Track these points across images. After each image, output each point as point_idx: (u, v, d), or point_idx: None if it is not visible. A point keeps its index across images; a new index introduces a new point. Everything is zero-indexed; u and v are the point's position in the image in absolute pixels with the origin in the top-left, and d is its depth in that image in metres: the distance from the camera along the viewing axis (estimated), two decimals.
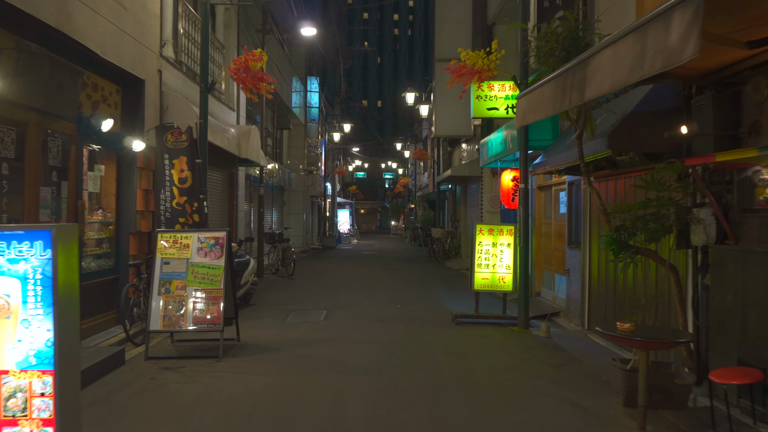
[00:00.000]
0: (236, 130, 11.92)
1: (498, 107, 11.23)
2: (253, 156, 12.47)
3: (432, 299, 11.41)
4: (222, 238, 7.00)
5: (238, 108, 14.47)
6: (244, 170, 15.17)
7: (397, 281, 14.50)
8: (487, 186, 16.96)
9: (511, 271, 8.85)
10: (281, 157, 25.11)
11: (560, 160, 7.52)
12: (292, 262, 14.62)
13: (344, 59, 29.81)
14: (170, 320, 6.70)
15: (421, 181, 40.08)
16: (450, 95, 16.74)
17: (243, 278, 10.02)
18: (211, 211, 12.94)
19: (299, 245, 26.47)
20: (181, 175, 8.31)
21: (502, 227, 8.85)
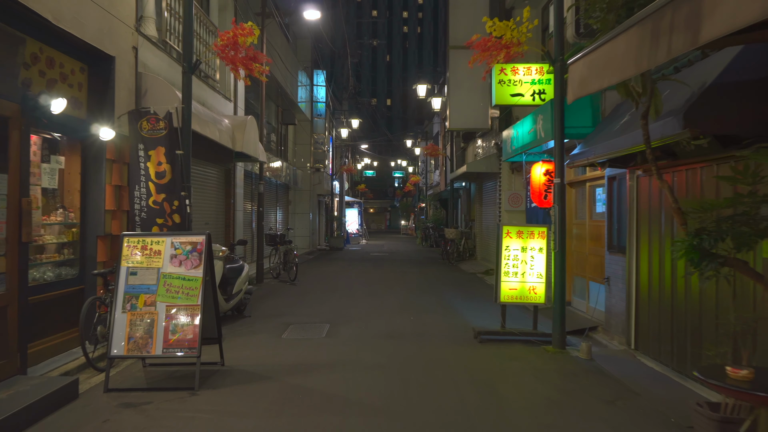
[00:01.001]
0: (231, 121, 10.74)
1: (523, 93, 9.98)
2: (250, 150, 11.28)
3: (448, 309, 10.18)
4: (200, 243, 5.81)
5: (236, 98, 13.30)
6: (242, 166, 14.00)
7: (409, 287, 13.27)
8: (505, 183, 15.70)
9: (543, 280, 7.60)
10: (286, 154, 23.94)
11: (606, 150, 6.26)
12: (295, 266, 13.44)
13: (352, 52, 28.60)
14: (136, 343, 5.51)
15: (431, 179, 38.82)
16: (465, 86, 15.56)
17: (235, 286, 8.85)
18: (206, 210, 11.77)
19: (305, 246, 25.32)
20: (158, 169, 7.13)
21: (533, 229, 7.60)
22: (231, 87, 13.05)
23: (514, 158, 10.04)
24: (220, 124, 10.08)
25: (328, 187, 29.48)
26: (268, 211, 20.77)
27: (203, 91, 11.08)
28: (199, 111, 8.89)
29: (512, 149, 9.48)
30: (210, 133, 9.34)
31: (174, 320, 5.57)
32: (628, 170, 7.25)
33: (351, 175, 44.44)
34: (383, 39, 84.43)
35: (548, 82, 10.02)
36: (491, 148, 16.90)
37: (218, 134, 9.72)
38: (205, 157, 11.38)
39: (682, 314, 6.01)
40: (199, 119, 8.73)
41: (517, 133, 9.04)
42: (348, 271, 16.66)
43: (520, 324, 8.33)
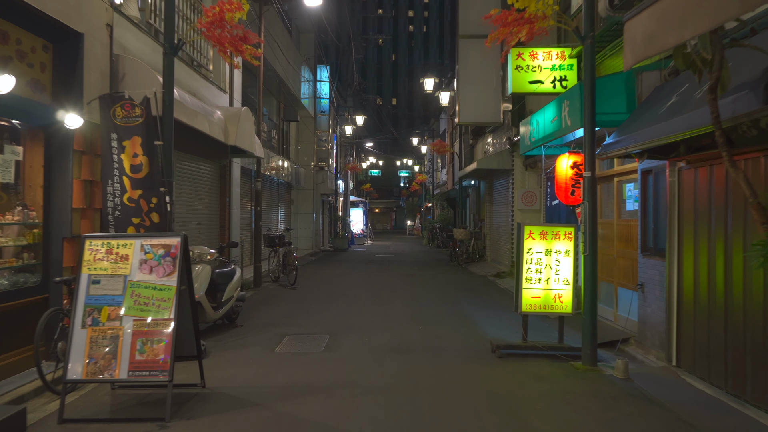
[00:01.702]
0: (223, 113, 9.90)
1: (542, 80, 9.10)
2: (245, 144, 10.44)
3: (461, 317, 9.30)
4: (175, 246, 4.96)
5: (231, 89, 12.46)
6: (239, 163, 13.16)
7: (417, 292, 12.39)
8: (519, 180, 14.81)
9: (570, 286, 6.71)
10: (288, 152, 23.11)
11: (647, 137, 5.37)
12: (294, 269, 12.58)
13: (356, 48, 27.75)
14: (97, 365, 4.66)
15: (438, 178, 37.91)
16: (476, 78, 14.66)
17: (226, 293, 8.00)
18: (198, 210, 10.93)
19: (308, 247, 24.49)
20: (134, 162, 6.29)
21: (559, 229, 6.71)
22: (226, 77, 12.21)
23: (532, 152, 9.15)
24: (211, 115, 9.24)
25: (332, 186, 28.63)
26: (269, 211, 19.96)
27: (194, 80, 10.24)
28: (185, 100, 8.05)
29: (531, 141, 8.59)
30: (199, 124, 8.50)
31: (142, 337, 4.72)
32: (668, 162, 6.37)
33: (356, 174, 43.59)
34: (388, 40, 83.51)
35: (570, 68, 9.14)
36: (503, 144, 16.01)
37: (208, 126, 8.88)
38: (197, 152, 10.54)
39: (739, 328, 5.12)
40: (186, 108, 7.89)
41: (537, 123, 8.15)
42: (352, 274, 15.79)
43: (543, 336, 7.45)
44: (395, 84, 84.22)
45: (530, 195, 14.57)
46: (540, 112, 8.12)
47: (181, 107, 7.67)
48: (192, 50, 10.62)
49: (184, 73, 9.76)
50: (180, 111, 7.61)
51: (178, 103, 7.47)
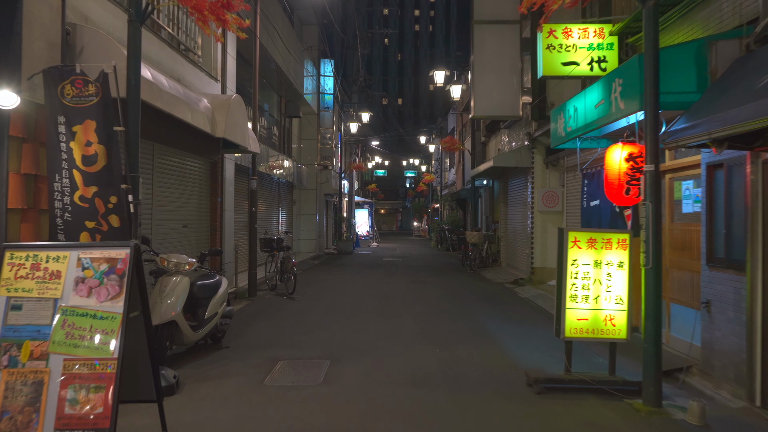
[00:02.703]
0: (210, 101, 8.70)
1: (578, 61, 7.88)
2: (236, 136, 9.25)
3: (481, 334, 8.06)
4: (123, 259, 3.75)
5: (224, 78, 11.26)
6: (233, 159, 11.96)
7: (428, 302, 11.16)
8: (539, 179, 13.57)
9: (624, 306, 5.47)
10: (290, 150, 21.94)
11: (736, 120, 4.14)
12: (293, 277, 11.37)
13: (362, 41, 26.55)
14: (13, 421, 3.45)
15: (446, 178, 36.67)
16: (493, 67, 13.43)
17: (209, 309, 6.79)
18: (184, 211, 9.74)
19: (311, 250, 23.31)
20: (86, 151, 5.08)
21: (610, 235, 5.48)
22: (218, 64, 11.01)
23: (565, 144, 7.91)
24: (196, 103, 8.04)
25: (337, 186, 27.44)
26: (269, 213, 18.77)
27: (179, 64, 9.06)
28: (161, 82, 6.84)
29: (566, 132, 7.35)
30: (178, 111, 7.30)
31: (75, 383, 3.51)
32: (750, 154, 5.13)
33: (361, 174, 42.41)
34: (394, 39, 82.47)
35: (609, 47, 7.90)
36: (521, 140, 14.76)
37: (190, 115, 7.68)
38: (182, 146, 9.36)
39: None
40: (161, 92, 6.69)
41: (575, 109, 6.91)
42: (356, 281, 14.56)
43: (586, 363, 6.21)
44: (401, 83, 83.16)
45: (552, 195, 13.36)
46: (579, 96, 6.88)
47: (154, 89, 6.48)
48: (177, 30, 9.44)
49: (167, 56, 8.57)
50: (152, 94, 6.41)
51: (148, 83, 6.28)
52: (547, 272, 13.37)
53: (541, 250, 13.50)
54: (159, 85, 6.62)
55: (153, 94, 6.40)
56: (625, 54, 7.78)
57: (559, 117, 7.66)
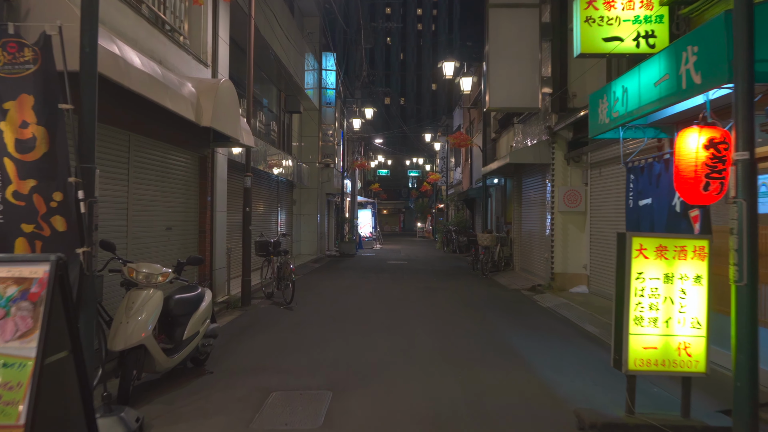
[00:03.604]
0: (195, 85, 7.59)
1: (621, 36, 6.77)
2: (225, 126, 8.16)
3: (507, 353, 6.95)
4: (39, 280, 2.68)
5: (215, 63, 10.16)
6: (225, 154, 10.87)
7: (441, 312, 10.05)
8: (560, 177, 12.45)
9: (703, 331, 4.36)
10: (290, 147, 20.85)
11: None
12: (291, 284, 10.25)
13: (365, 34, 25.44)
14: None
15: (452, 177, 35.57)
16: (510, 53, 12.30)
17: (188, 328, 5.70)
18: (168, 211, 8.64)
19: (312, 252, 22.21)
20: (21, 134, 3.98)
21: (685, 242, 4.37)
22: (208, 48, 9.91)
23: (606, 134, 6.79)
24: (177, 86, 6.95)
25: (339, 186, 26.33)
26: (268, 213, 17.67)
27: (161, 44, 7.96)
28: (131, 58, 5.74)
29: (611, 118, 6.23)
30: (155, 94, 6.20)
31: None
32: None
33: (364, 173, 41.33)
34: (396, 38, 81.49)
35: (659, 20, 6.79)
36: (539, 134, 13.65)
37: (169, 99, 6.58)
38: (166, 138, 8.27)
39: None
40: (130, 68, 5.59)
41: (625, 90, 5.80)
42: (360, 287, 13.45)
43: (641, 395, 5.08)
44: (404, 83, 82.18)
45: (574, 194, 12.25)
46: (630, 75, 5.77)
47: (120, 65, 5.38)
48: (160, 6, 8.34)
49: (146, 34, 7.47)
50: (118, 70, 5.32)
51: (113, 57, 5.19)
52: (568, 278, 12.26)
53: (561, 254, 12.38)
54: (127, 60, 5.52)
55: (119, 70, 5.30)
56: (676, 28, 6.67)
57: (601, 101, 6.54)
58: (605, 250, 11.08)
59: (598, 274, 11.50)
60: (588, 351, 7.15)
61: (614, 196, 10.62)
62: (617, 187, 10.47)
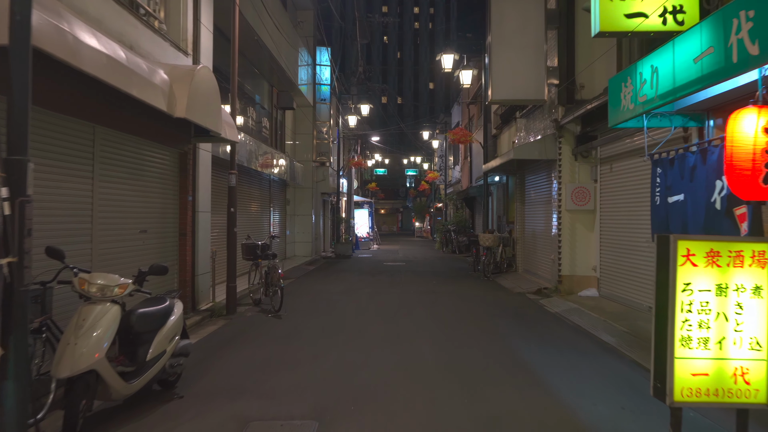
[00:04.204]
0: (169, 72, 6.81)
1: (646, 12, 6.01)
2: (203, 118, 7.39)
3: (521, 369, 6.19)
4: None
5: (197, 52, 9.39)
6: (209, 150, 10.10)
7: (444, 320, 9.29)
8: (567, 174, 11.71)
9: (764, 353, 3.61)
10: (283, 144, 20.08)
11: None
12: (279, 290, 9.47)
13: (361, 29, 24.66)
14: None
15: (450, 176, 34.83)
16: (514, 43, 11.56)
17: (153, 347, 4.94)
18: (143, 212, 7.87)
19: (307, 253, 21.46)
20: None
21: (741, 246, 3.62)
22: (188, 35, 9.14)
23: (628, 123, 6.04)
24: (147, 72, 6.17)
25: (334, 185, 25.56)
26: (260, 214, 16.93)
27: (132, 28, 7.19)
28: (82, 36, 4.96)
29: (637, 103, 5.47)
30: (117, 79, 5.44)
31: None
32: None
33: (361, 173, 40.57)
34: (393, 36, 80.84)
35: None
36: (543, 129, 12.90)
37: (135, 86, 5.81)
38: (139, 131, 7.51)
39: None
40: (82, 47, 4.82)
41: (655, 69, 5.04)
42: (356, 291, 12.68)
43: (687, 429, 4.33)
44: (401, 82, 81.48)
45: (582, 192, 11.51)
46: (661, 52, 5.01)
47: (69, 42, 4.60)
48: None
49: (113, 14, 6.71)
50: (65, 47, 4.55)
51: (58, 31, 4.42)
52: (577, 281, 11.51)
53: (569, 255, 11.63)
54: (78, 36, 4.75)
55: (65, 47, 4.53)
56: (707, 2, 5.92)
57: (624, 85, 5.79)
58: (617, 251, 10.34)
59: (609, 276, 10.76)
60: (608, 366, 6.40)
61: (627, 193, 9.88)
62: (631, 184, 9.73)
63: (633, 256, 9.64)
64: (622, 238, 10.11)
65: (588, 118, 11.09)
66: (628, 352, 6.98)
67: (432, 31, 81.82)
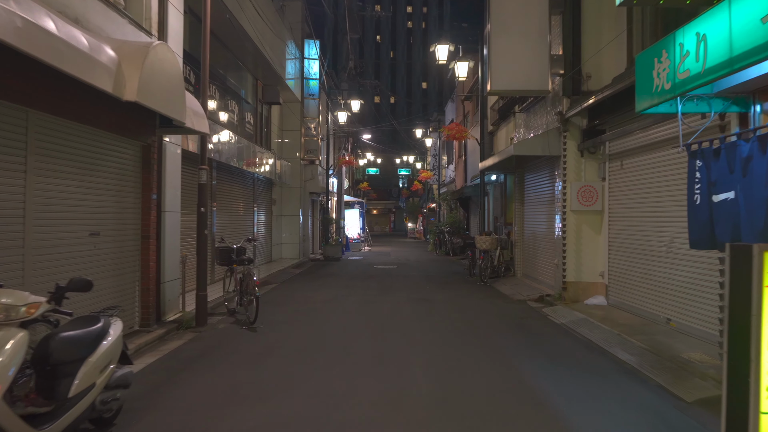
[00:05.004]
0: (117, 48, 5.79)
1: None
2: (163, 104, 6.38)
3: (531, 401, 5.21)
4: None
5: (164, 35, 8.38)
6: (178, 144, 9.08)
7: (440, 335, 8.31)
8: (572, 171, 10.78)
9: None
10: (268, 141, 19.05)
11: None
12: (255, 299, 8.44)
13: (351, 23, 23.67)
14: None
15: (444, 175, 33.90)
16: (516, 30, 10.61)
17: (78, 382, 3.92)
18: (94, 212, 6.83)
19: (294, 256, 20.45)
20: None
21: None
22: (152, 13, 8.12)
23: (658, 108, 5.09)
24: (87, 46, 5.15)
25: (324, 184, 24.55)
26: (244, 214, 15.92)
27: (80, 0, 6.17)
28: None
29: (674, 82, 4.52)
30: (43, 52, 4.43)
31: None
32: None
33: (352, 172, 39.59)
34: (386, 35, 79.97)
35: None
36: (548, 123, 11.96)
37: (69, 61, 4.79)
38: (90, 119, 6.51)
39: None
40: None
41: (702, 38, 4.08)
42: (343, 299, 11.67)
43: None
44: (394, 82, 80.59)
45: (589, 191, 10.58)
46: (709, 16, 4.06)
47: None
48: None
49: None
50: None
51: None
52: (583, 288, 10.57)
53: (575, 259, 10.69)
54: None
55: None
56: None
57: (657, 62, 4.82)
58: (628, 256, 9.41)
59: (619, 283, 9.83)
60: (632, 394, 5.45)
61: (641, 192, 8.96)
62: (645, 181, 8.81)
63: (647, 262, 8.71)
64: (635, 241, 9.18)
65: (596, 111, 10.16)
66: (651, 374, 6.03)
67: (425, 31, 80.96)
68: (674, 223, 7.91)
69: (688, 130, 5.39)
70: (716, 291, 6.75)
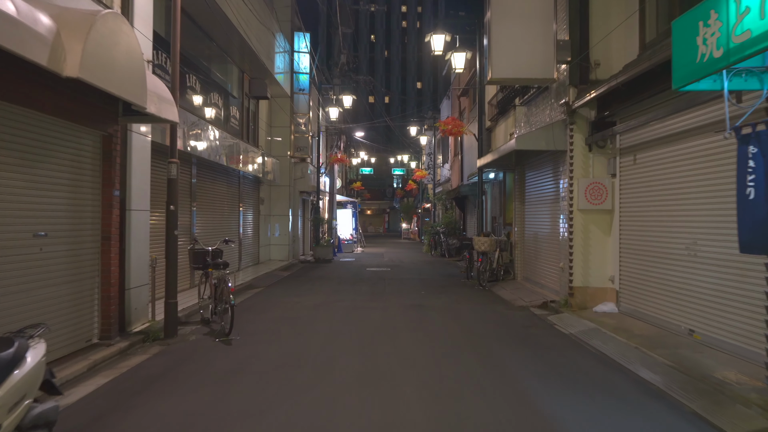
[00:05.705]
0: (57, 15, 4.89)
1: None
2: (117, 84, 5.49)
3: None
4: None
5: (129, 14, 7.49)
6: (148, 135, 8.19)
7: (436, 349, 7.45)
8: (579, 167, 9.96)
9: None
10: (255, 137, 18.15)
11: None
12: (230, 308, 7.54)
13: (343, 18, 22.81)
14: None
15: (439, 175, 33.07)
16: (517, 14, 9.77)
17: None
18: (42, 210, 5.94)
19: (283, 257, 19.57)
20: None
21: None
22: None
23: (699, 84, 4.27)
24: (22, 12, 4.27)
25: (315, 183, 23.66)
26: (227, 214, 15.03)
27: None
28: None
29: (727, 47, 3.68)
30: None
31: None
32: None
33: (345, 171, 38.70)
34: (381, 35, 79.17)
35: None
36: (551, 116, 11.12)
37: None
38: (35, 104, 5.62)
39: None
40: None
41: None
42: (331, 306, 10.79)
43: None
44: (388, 82, 79.79)
45: (597, 188, 9.76)
46: None
47: None
48: None
49: None
50: None
51: None
52: (591, 293, 9.74)
53: (582, 262, 9.85)
54: None
55: None
56: None
57: (702, 25, 3.98)
58: (642, 259, 8.59)
59: (631, 288, 9.00)
60: (664, 425, 4.60)
61: (657, 189, 8.15)
62: (663, 177, 8.00)
63: (665, 266, 7.89)
64: (650, 243, 8.36)
65: (605, 101, 9.35)
66: (684, 399, 5.20)
67: (419, 30, 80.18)
68: (698, 224, 7.10)
69: (734, 113, 4.56)
70: (754, 301, 5.93)
